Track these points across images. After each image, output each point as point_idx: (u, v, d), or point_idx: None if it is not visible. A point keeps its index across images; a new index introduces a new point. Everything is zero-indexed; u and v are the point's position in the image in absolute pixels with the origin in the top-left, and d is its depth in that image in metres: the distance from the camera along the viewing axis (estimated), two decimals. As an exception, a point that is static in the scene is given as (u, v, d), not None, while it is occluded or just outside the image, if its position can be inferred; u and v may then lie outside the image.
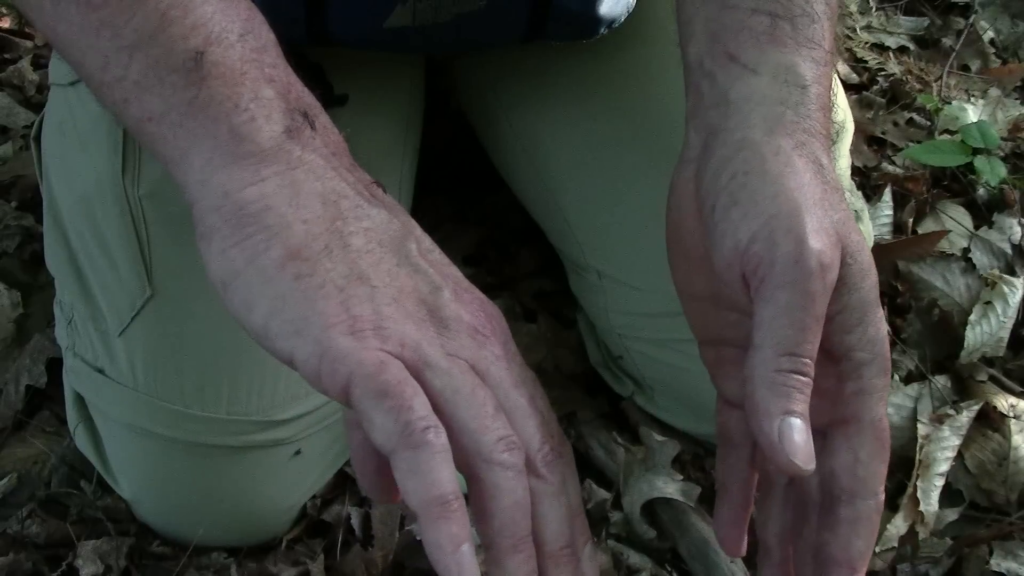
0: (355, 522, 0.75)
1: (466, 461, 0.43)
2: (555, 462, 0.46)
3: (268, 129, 0.47)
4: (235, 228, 0.46)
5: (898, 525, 0.78)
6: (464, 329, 0.46)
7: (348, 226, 0.46)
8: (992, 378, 0.89)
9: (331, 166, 0.48)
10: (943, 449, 0.81)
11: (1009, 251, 0.98)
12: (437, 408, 0.43)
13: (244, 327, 0.46)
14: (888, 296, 0.93)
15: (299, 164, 0.47)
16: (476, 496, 0.44)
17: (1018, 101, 1.18)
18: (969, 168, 1.03)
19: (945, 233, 0.99)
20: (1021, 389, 0.88)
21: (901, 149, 1.09)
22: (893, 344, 0.90)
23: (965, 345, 0.88)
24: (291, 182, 0.46)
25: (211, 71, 0.47)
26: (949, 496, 0.81)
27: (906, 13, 1.34)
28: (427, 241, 0.50)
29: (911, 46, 1.28)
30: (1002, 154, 1.07)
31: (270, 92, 0.48)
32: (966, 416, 0.83)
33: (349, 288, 0.45)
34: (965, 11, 1.33)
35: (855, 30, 1.28)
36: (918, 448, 0.81)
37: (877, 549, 0.77)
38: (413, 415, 0.41)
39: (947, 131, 1.12)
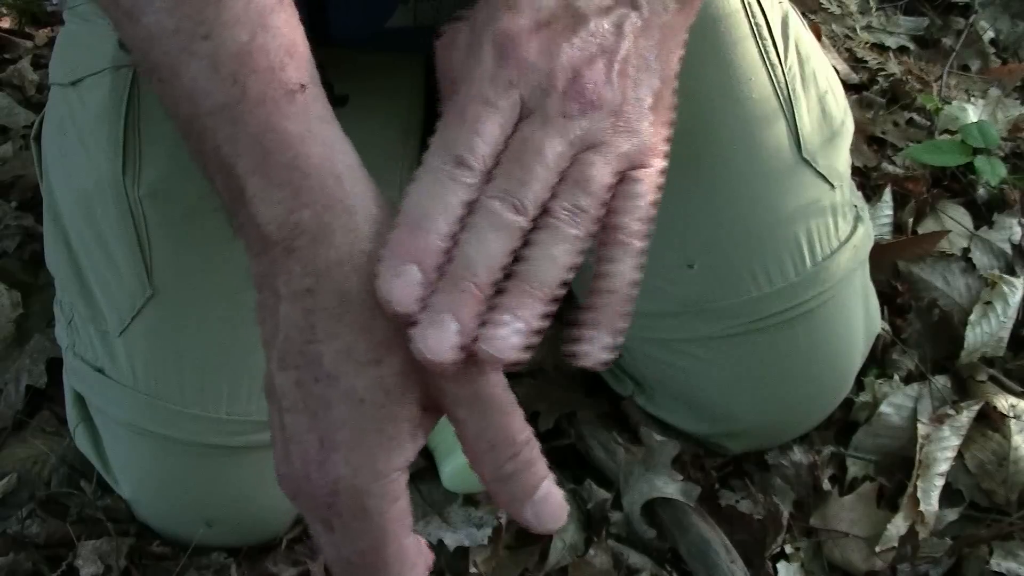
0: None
1: None
2: None
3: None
4: None
5: (898, 525, 0.78)
6: None
7: None
8: (992, 378, 0.89)
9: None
10: (943, 449, 0.81)
11: (1009, 251, 0.98)
12: None
13: None
14: (888, 296, 0.93)
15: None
16: None
17: (1018, 101, 1.18)
18: (969, 168, 1.03)
19: (945, 233, 0.99)
20: (1021, 389, 0.88)
21: (901, 149, 1.09)
22: (893, 344, 0.90)
23: (965, 345, 0.88)
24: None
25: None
26: (949, 496, 0.81)
27: (906, 13, 1.33)
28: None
29: (911, 46, 1.28)
30: (1002, 154, 1.07)
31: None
32: (966, 416, 0.83)
33: None
34: (965, 11, 1.33)
35: (855, 30, 1.28)
36: (918, 448, 0.81)
37: (877, 549, 0.77)
38: None
39: (947, 131, 1.12)
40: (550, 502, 0.45)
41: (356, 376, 0.42)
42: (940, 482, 0.80)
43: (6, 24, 1.23)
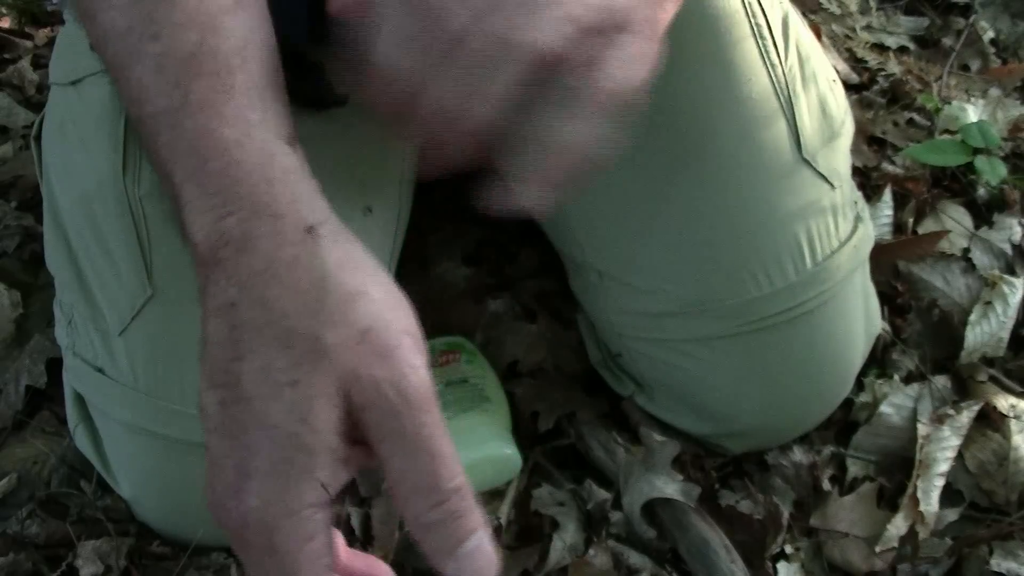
0: (355, 522, 0.75)
1: None
2: None
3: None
4: None
5: (898, 525, 0.78)
6: None
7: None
8: (992, 378, 0.89)
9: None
10: (943, 449, 0.81)
11: (1009, 251, 0.98)
12: None
13: None
14: (888, 296, 0.93)
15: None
16: None
17: (1018, 101, 1.18)
18: (969, 168, 1.03)
19: (945, 233, 0.99)
20: (1021, 389, 0.88)
21: (901, 149, 1.09)
22: (893, 344, 0.90)
23: (965, 345, 0.88)
24: None
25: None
26: (949, 496, 0.81)
27: (906, 13, 1.33)
28: None
29: (911, 46, 1.28)
30: (1002, 154, 1.07)
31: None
32: (966, 416, 0.83)
33: None
34: (965, 11, 1.33)
35: (855, 30, 1.28)
36: (918, 448, 0.81)
37: (877, 549, 0.77)
38: None
39: (947, 131, 1.12)
40: (476, 559, 0.41)
41: (270, 400, 0.40)
42: (940, 482, 0.80)
43: (6, 24, 1.23)
